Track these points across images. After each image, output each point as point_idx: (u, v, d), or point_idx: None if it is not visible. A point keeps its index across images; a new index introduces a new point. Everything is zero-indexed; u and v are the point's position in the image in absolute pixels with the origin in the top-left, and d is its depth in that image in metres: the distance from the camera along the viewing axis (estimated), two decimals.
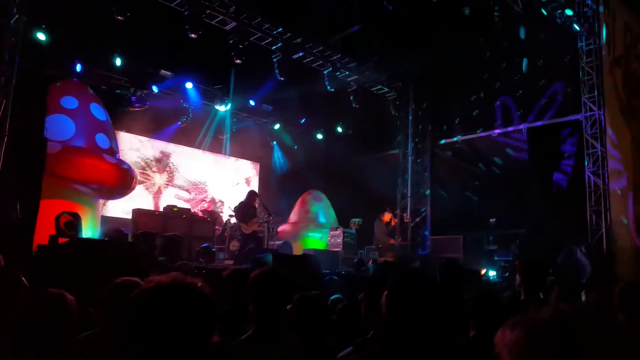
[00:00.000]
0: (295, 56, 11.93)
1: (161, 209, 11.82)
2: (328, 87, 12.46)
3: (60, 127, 9.16)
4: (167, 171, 14.20)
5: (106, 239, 8.61)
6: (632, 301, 2.60)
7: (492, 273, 10.20)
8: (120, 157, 10.67)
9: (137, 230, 9.21)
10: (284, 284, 2.56)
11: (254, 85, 13.24)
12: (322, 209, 14.39)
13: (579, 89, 10.18)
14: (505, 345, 1.00)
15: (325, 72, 12.46)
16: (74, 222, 6.82)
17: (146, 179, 13.60)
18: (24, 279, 2.76)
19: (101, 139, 9.71)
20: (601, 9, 9.38)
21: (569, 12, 9.36)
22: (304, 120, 14.87)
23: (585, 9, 9.70)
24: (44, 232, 6.25)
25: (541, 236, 9.85)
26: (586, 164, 9.96)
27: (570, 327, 0.92)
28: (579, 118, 10.21)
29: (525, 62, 11.02)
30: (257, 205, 10.48)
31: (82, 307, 3.58)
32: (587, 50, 10.03)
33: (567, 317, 0.94)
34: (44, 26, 9.66)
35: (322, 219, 14.05)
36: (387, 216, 11.31)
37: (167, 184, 14.12)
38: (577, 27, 9.51)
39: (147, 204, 13.24)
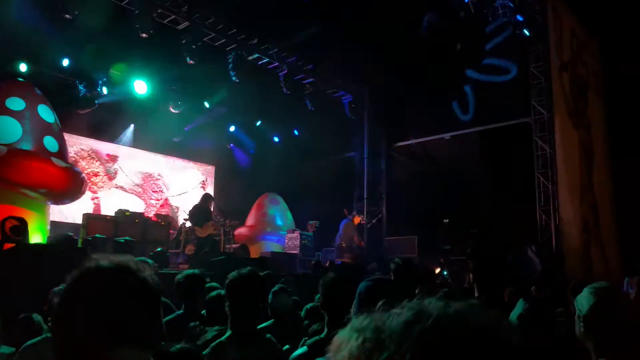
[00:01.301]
0: (250, 57, 11.82)
1: (113, 213, 11.48)
2: (284, 90, 12.38)
3: (6, 130, 8.74)
4: (118, 174, 13.82)
5: (54, 244, 8.28)
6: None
7: (445, 272, 10.37)
8: (70, 161, 10.30)
9: (87, 235, 8.91)
10: (259, 286, 2.56)
11: (208, 87, 13.04)
12: (279, 211, 14.33)
13: (528, 93, 10.50)
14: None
15: (281, 74, 12.38)
16: (21, 228, 6.53)
17: (96, 182, 13.19)
18: None
19: (49, 142, 9.32)
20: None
21: (519, 17, 9.64)
22: (259, 122, 14.76)
23: (534, 16, 10.03)
24: None
25: (493, 236, 10.08)
26: (535, 165, 10.28)
27: None
28: (528, 121, 10.53)
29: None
30: (212, 208, 10.33)
31: (28, 312, 3.44)
32: (536, 55, 10.36)
33: None
34: None
35: (279, 222, 13.98)
36: (357, 219, 11.62)
37: (117, 187, 13.73)
38: (526, 33, 9.81)
39: (96, 208, 12.84)
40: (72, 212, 11.83)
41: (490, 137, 11.49)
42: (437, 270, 10.26)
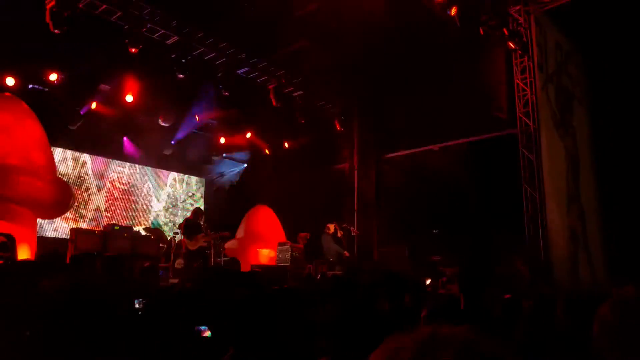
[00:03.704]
0: (240, 71, 11.88)
1: (101, 228, 11.43)
2: (273, 103, 12.45)
3: None
4: (107, 189, 13.76)
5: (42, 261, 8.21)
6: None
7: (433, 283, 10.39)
8: (58, 175, 10.26)
9: (75, 250, 8.85)
10: (267, 308, 2.53)
11: (198, 100, 13.07)
12: (270, 224, 14.30)
13: (514, 105, 10.64)
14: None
15: (270, 87, 12.45)
16: (9, 244, 6.49)
17: (85, 197, 13.13)
18: None
19: (37, 156, 9.29)
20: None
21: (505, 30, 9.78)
22: (249, 134, 14.79)
23: (518, 28, 10.19)
24: None
25: (482, 246, 10.15)
26: (522, 175, 10.38)
27: None
28: (515, 132, 10.65)
29: None
30: (202, 222, 10.32)
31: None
32: (522, 68, 10.50)
33: None
34: None
35: (269, 235, 13.95)
36: (331, 227, 11.58)
37: (107, 201, 13.67)
38: (512, 45, 9.95)
39: (85, 223, 12.77)
40: (60, 227, 11.76)
41: (478, 149, 11.62)
42: (428, 282, 10.29)
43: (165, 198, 15.04)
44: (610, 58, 9.62)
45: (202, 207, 11.90)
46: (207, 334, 3.49)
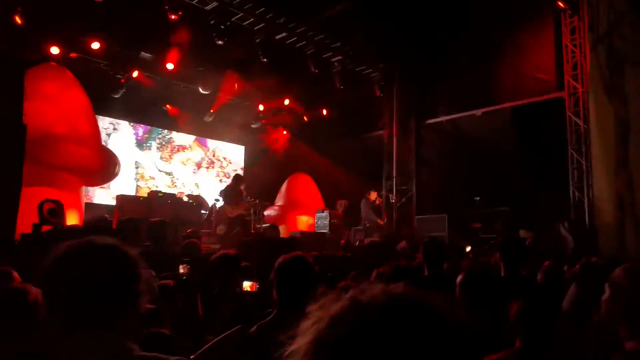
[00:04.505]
0: (278, 37, 11.79)
1: (146, 195, 11.73)
2: (312, 68, 12.33)
3: (40, 113, 8.96)
4: (151, 156, 14.07)
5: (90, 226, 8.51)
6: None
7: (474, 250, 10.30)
8: (103, 143, 10.53)
9: (122, 216, 9.12)
10: (309, 270, 2.60)
11: (237, 67, 13.05)
12: (309, 191, 14.39)
13: (562, 67, 10.23)
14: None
15: (308, 52, 12.32)
16: (58, 210, 6.73)
17: (130, 164, 13.46)
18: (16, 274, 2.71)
19: (83, 124, 9.54)
20: None
21: None
22: (287, 101, 14.75)
23: None
24: (26, 220, 6.16)
25: (525, 213, 9.95)
26: (569, 141, 10.06)
27: None
28: (562, 96, 10.27)
29: None
30: (242, 188, 10.44)
31: None
32: (571, 28, 10.05)
33: None
34: (19, 9, 9.40)
35: (308, 202, 14.04)
36: (373, 195, 11.57)
37: (152, 169, 13.99)
38: (561, 4, 9.51)
39: (131, 189, 13.13)
40: (104, 194, 12.13)
41: (523, 113, 11.26)
42: (468, 248, 10.20)
43: (206, 165, 15.28)
44: None
45: (241, 174, 12.02)
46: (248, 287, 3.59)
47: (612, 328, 1.85)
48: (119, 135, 13.53)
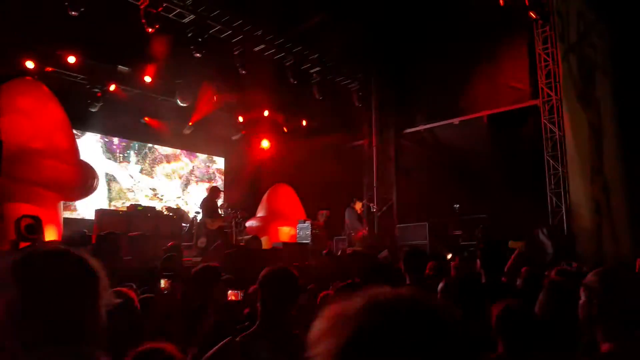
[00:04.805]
0: (256, 49, 11.82)
1: (125, 208, 11.61)
2: (291, 80, 12.38)
3: (17, 128, 8.83)
4: (128, 169, 13.94)
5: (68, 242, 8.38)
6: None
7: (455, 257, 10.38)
8: (80, 157, 10.40)
9: (101, 230, 9.00)
10: (293, 282, 2.61)
11: (216, 79, 13.04)
12: (290, 202, 14.37)
13: (536, 76, 10.43)
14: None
15: (287, 64, 12.37)
16: (36, 226, 6.63)
17: (107, 178, 13.32)
18: None
19: (60, 139, 9.42)
20: None
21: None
22: (267, 112, 14.75)
23: None
24: (4, 237, 6.06)
25: (504, 220, 10.07)
26: (545, 148, 10.24)
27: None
28: (537, 104, 10.47)
29: None
30: (220, 201, 10.42)
31: None
32: (543, 37, 10.27)
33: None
34: None
35: (289, 212, 14.02)
36: (358, 205, 11.68)
37: (130, 182, 13.86)
38: (532, 15, 9.73)
39: (107, 204, 12.98)
40: (84, 208, 11.97)
41: (499, 121, 11.44)
42: (449, 256, 10.28)
43: (186, 178, 15.18)
44: (636, 28, 9.33)
45: (218, 187, 11.99)
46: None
47: (590, 331, 1.89)
48: (95, 148, 13.38)
